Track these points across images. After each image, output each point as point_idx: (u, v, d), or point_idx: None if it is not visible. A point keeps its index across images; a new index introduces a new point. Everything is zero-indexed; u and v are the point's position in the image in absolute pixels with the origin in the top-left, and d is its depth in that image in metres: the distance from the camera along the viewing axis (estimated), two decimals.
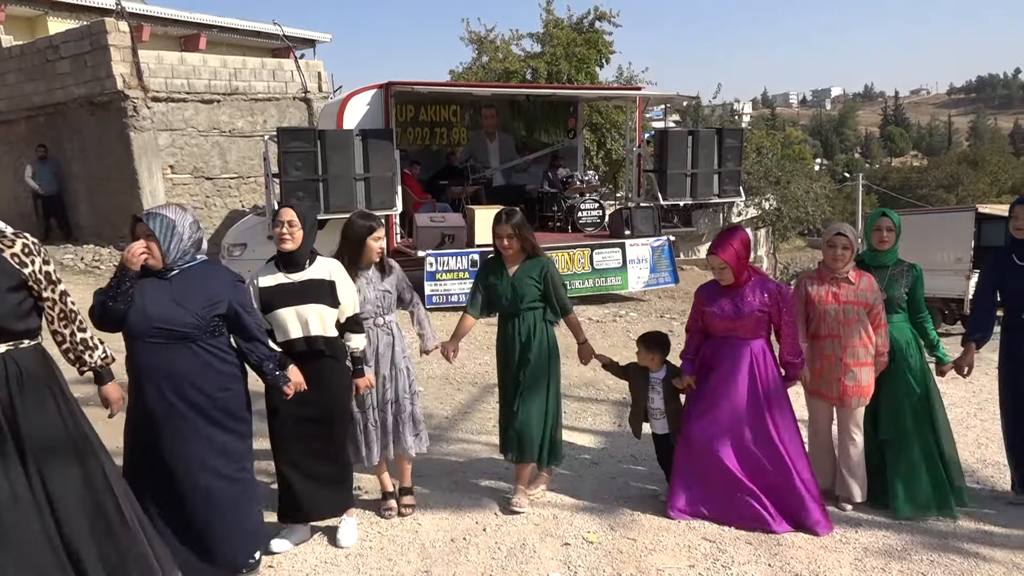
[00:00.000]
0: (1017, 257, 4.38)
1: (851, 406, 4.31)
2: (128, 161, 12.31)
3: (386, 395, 4.17)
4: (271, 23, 16.82)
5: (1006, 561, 3.79)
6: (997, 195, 40.64)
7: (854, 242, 4.26)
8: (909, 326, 4.43)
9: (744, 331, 4.06)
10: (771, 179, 24.43)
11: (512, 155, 13.64)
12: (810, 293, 4.33)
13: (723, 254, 4.00)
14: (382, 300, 4.14)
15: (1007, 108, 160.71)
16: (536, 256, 4.41)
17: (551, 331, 4.44)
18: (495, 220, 4.39)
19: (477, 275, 4.61)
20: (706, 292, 4.23)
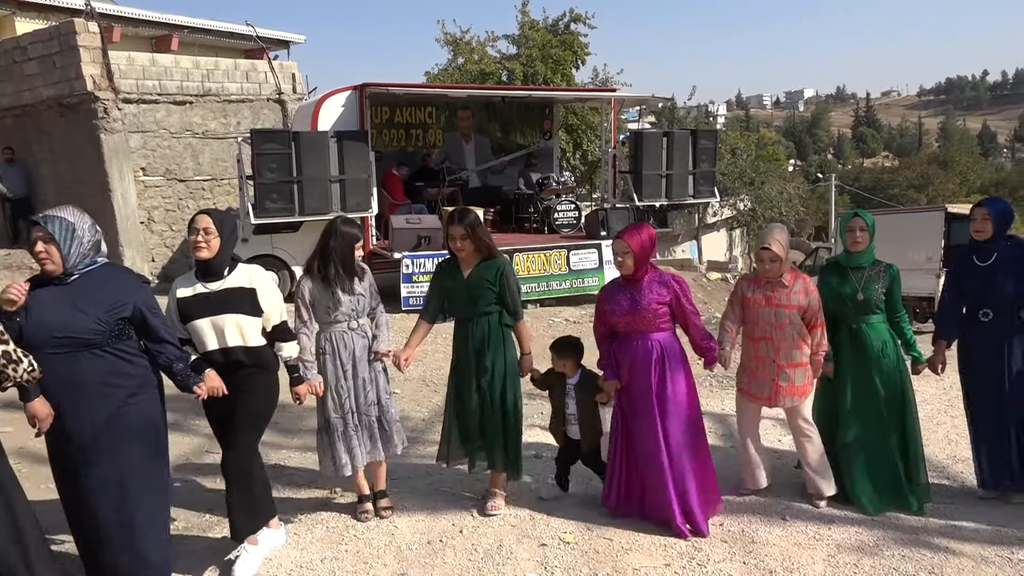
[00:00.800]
0: (977, 258, 4.45)
1: (784, 406, 4.35)
2: (99, 163, 12.13)
3: (368, 397, 4.12)
4: (244, 24, 16.67)
5: (975, 555, 3.85)
6: (966, 195, 41.27)
7: (784, 250, 4.22)
8: (886, 326, 4.45)
9: (643, 325, 4.05)
10: (745, 180, 24.65)
11: (488, 157, 13.64)
12: (746, 295, 4.37)
13: (629, 239, 4.01)
14: (356, 304, 4.08)
15: (975, 109, 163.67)
16: (492, 257, 4.28)
17: (509, 336, 4.33)
18: (448, 220, 4.27)
19: (432, 279, 4.49)
20: (607, 291, 4.26)
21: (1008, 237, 4.43)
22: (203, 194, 13.47)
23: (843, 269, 4.46)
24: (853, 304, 4.39)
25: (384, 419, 4.17)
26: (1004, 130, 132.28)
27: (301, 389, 3.92)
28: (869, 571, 3.71)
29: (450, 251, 4.32)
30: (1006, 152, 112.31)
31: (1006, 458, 4.43)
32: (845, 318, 4.45)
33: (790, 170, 40.04)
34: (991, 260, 4.39)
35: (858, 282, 4.38)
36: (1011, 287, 4.32)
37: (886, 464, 4.36)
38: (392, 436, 4.21)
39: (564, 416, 4.47)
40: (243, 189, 10.35)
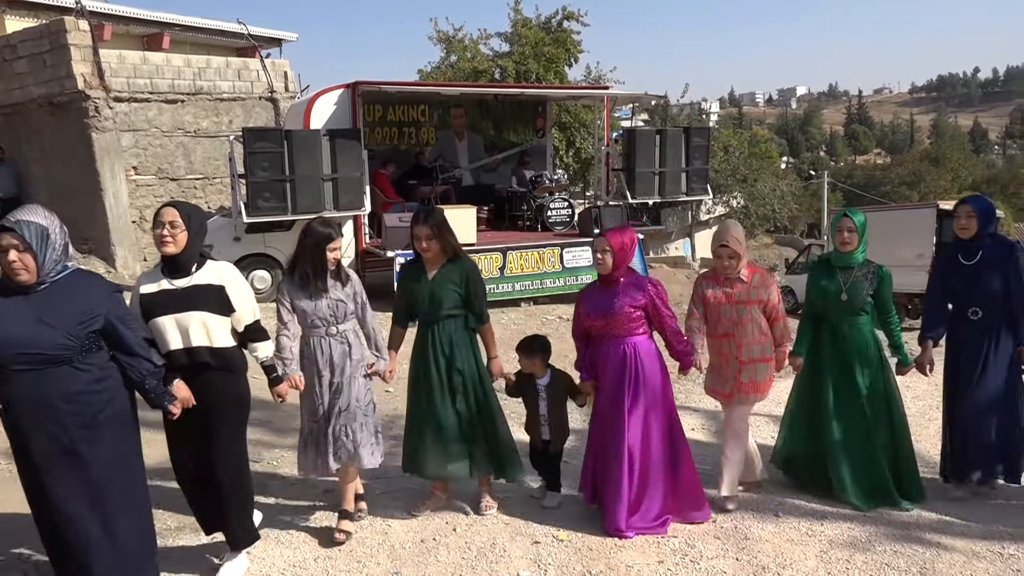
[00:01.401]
0: (962, 256, 4.44)
1: (748, 403, 4.35)
2: (90, 162, 12.08)
3: (336, 404, 3.95)
4: (235, 22, 16.62)
5: (966, 550, 3.87)
6: (958, 192, 41.44)
7: (742, 247, 4.21)
8: (870, 328, 4.42)
9: (618, 329, 4.01)
10: (738, 177, 24.73)
11: (481, 154, 13.63)
12: (706, 294, 4.33)
13: (611, 237, 3.99)
14: (335, 309, 3.93)
15: (967, 106, 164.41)
16: (458, 258, 4.15)
17: (475, 339, 4.21)
18: (413, 220, 4.14)
19: (397, 282, 4.35)
20: (585, 292, 4.24)
21: (991, 235, 4.42)
22: (195, 193, 13.43)
23: (832, 268, 4.44)
24: (837, 304, 4.37)
25: (350, 427, 3.96)
26: (995, 127, 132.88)
27: (281, 388, 3.79)
28: (861, 567, 3.73)
29: (415, 252, 4.18)
30: (997, 149, 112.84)
31: (985, 453, 4.44)
32: (829, 317, 4.44)
33: (783, 167, 40.19)
34: (976, 258, 4.38)
35: (844, 282, 4.35)
36: (998, 285, 4.32)
37: (871, 463, 4.35)
38: (357, 449, 3.97)
39: (537, 417, 4.40)
40: (235, 188, 10.31)
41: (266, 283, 10.35)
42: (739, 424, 4.36)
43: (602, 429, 4.13)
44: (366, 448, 4.00)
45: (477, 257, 10.54)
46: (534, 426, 4.43)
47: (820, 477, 4.49)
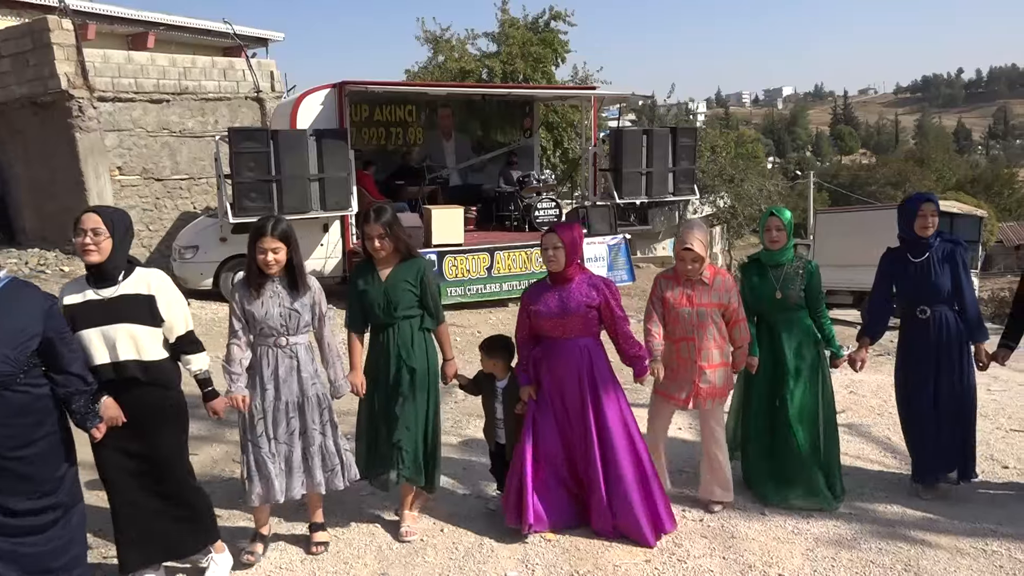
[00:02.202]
0: (912, 255, 4.46)
1: (703, 407, 4.23)
2: (74, 162, 11.98)
3: (290, 425, 3.70)
4: (221, 21, 16.54)
5: (950, 547, 3.90)
6: (942, 191, 41.74)
7: (705, 249, 4.11)
8: (807, 324, 4.42)
9: (572, 329, 3.88)
10: (725, 177, 24.78)
11: (468, 155, 13.64)
12: (666, 295, 4.21)
13: (561, 233, 3.86)
14: (288, 319, 3.64)
15: (951, 107, 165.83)
16: (412, 257, 3.99)
17: (431, 341, 4.07)
18: (363, 219, 3.93)
19: (349, 285, 4.10)
20: (532, 292, 4.04)
21: (939, 232, 4.47)
22: (181, 193, 13.36)
23: (763, 267, 4.43)
24: (771, 302, 4.37)
25: (308, 451, 3.72)
26: (979, 127, 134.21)
27: (216, 404, 3.51)
28: (847, 564, 3.75)
29: (365, 252, 4.00)
30: (981, 149, 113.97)
31: (944, 451, 4.45)
32: (764, 315, 4.44)
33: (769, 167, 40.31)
34: (924, 256, 4.41)
35: (776, 280, 4.36)
36: (946, 282, 4.37)
37: (793, 459, 4.31)
38: (314, 471, 3.73)
39: (494, 420, 4.28)
40: (221, 188, 10.26)
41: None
42: (718, 429, 4.29)
43: (554, 436, 3.95)
44: (328, 472, 3.78)
45: (465, 257, 10.56)
46: (491, 430, 4.31)
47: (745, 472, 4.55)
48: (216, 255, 10.54)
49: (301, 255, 3.75)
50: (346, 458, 3.87)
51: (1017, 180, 52.96)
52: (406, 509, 4.13)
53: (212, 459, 5.20)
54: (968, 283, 4.42)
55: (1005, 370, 7.95)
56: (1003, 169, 57.07)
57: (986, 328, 4.57)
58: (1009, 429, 5.91)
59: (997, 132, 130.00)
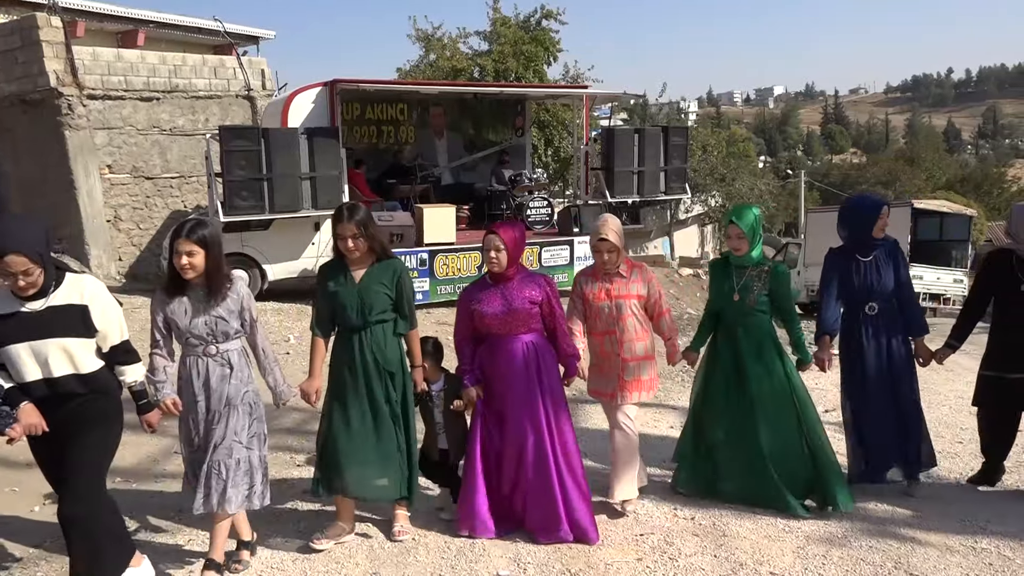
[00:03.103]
0: (860, 255, 4.50)
1: (629, 401, 4.19)
2: (63, 160, 11.92)
3: (211, 436, 3.47)
4: (212, 19, 16.46)
5: (940, 545, 3.92)
6: (932, 191, 41.98)
7: (620, 239, 4.10)
8: (768, 327, 4.36)
9: (516, 326, 3.85)
10: (716, 176, 24.87)
11: (460, 153, 13.62)
12: (585, 291, 4.21)
13: (503, 233, 3.80)
14: (214, 327, 3.44)
15: (941, 106, 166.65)
16: (387, 258, 3.83)
17: (402, 345, 3.92)
18: (335, 218, 3.74)
19: (316, 286, 3.92)
20: (471, 291, 3.99)
21: None
22: (171, 192, 13.30)
23: (729, 266, 4.39)
24: (729, 304, 4.33)
25: (223, 465, 3.43)
26: (968, 127, 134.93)
27: (151, 417, 3.38)
28: (837, 562, 3.76)
29: (336, 252, 3.82)
30: (970, 148, 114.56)
31: (891, 448, 4.48)
32: (725, 316, 4.41)
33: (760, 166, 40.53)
34: (872, 256, 4.47)
35: (738, 282, 4.31)
36: (890, 279, 4.45)
37: (757, 464, 4.23)
38: (226, 490, 3.43)
39: (434, 426, 4.17)
40: (212, 187, 10.21)
41: (244, 282, 10.26)
42: (627, 425, 4.22)
43: (501, 436, 3.90)
44: (238, 490, 3.47)
45: (456, 256, 10.55)
46: (431, 436, 4.21)
47: (700, 476, 4.47)
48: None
49: (223, 261, 3.49)
50: (262, 478, 3.59)
51: (1006, 179, 53.27)
52: (401, 511, 4.07)
53: None
54: (908, 281, 4.53)
55: None
56: (992, 168, 57.37)
57: (926, 323, 4.66)
58: None
59: (986, 132, 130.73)
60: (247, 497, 3.52)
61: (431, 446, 4.23)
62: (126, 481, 4.89)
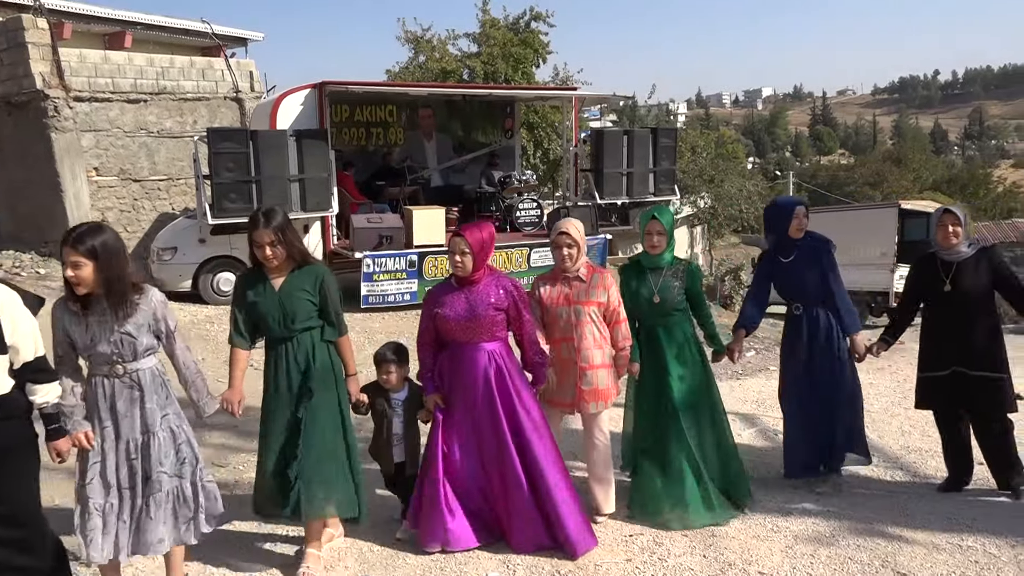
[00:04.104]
0: (782, 256, 4.62)
1: (588, 411, 4.10)
2: (50, 163, 11.85)
3: (132, 470, 3.13)
4: (199, 21, 16.39)
5: (927, 543, 3.95)
6: (919, 192, 42.28)
7: (582, 237, 4.04)
8: (687, 327, 4.35)
9: (480, 334, 3.71)
10: (705, 178, 24.94)
11: (450, 155, 13.61)
12: (543, 295, 4.09)
13: (469, 236, 3.66)
14: (120, 345, 3.09)
15: (928, 108, 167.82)
16: (308, 264, 3.64)
17: (335, 354, 3.73)
18: (250, 224, 3.53)
19: (234, 295, 3.72)
20: (436, 293, 3.83)
21: (808, 233, 4.64)
22: (159, 194, 13.25)
23: (643, 269, 4.34)
24: (649, 306, 4.27)
25: (152, 501, 3.13)
26: (955, 128, 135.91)
27: (60, 444, 3.02)
28: (825, 561, 3.78)
29: (254, 261, 3.61)
30: (957, 150, 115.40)
31: (816, 445, 4.58)
32: (643, 320, 4.35)
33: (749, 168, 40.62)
34: (793, 256, 4.58)
35: (655, 284, 4.26)
36: (815, 279, 4.54)
37: (681, 469, 4.17)
38: (156, 528, 3.12)
39: (389, 437, 4.02)
40: (200, 189, 10.18)
41: (232, 285, 10.23)
42: (600, 441, 4.17)
43: (463, 447, 3.78)
44: (181, 523, 3.22)
45: (446, 258, 10.54)
46: (385, 448, 4.05)
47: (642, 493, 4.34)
48: (195, 257, 10.46)
49: (124, 271, 3.10)
50: (207, 499, 3.31)
51: (992, 180, 53.70)
52: (311, 546, 3.70)
53: None
54: (836, 279, 4.59)
55: None
56: (979, 169, 57.84)
57: (858, 320, 4.77)
58: None
59: (973, 133, 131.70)
60: (180, 531, 3.23)
61: (385, 458, 4.06)
62: None
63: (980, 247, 4.46)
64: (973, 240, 4.55)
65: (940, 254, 4.46)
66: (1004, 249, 39.55)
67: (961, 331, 4.37)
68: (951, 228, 4.37)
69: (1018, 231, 42.76)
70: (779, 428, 5.94)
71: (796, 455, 4.65)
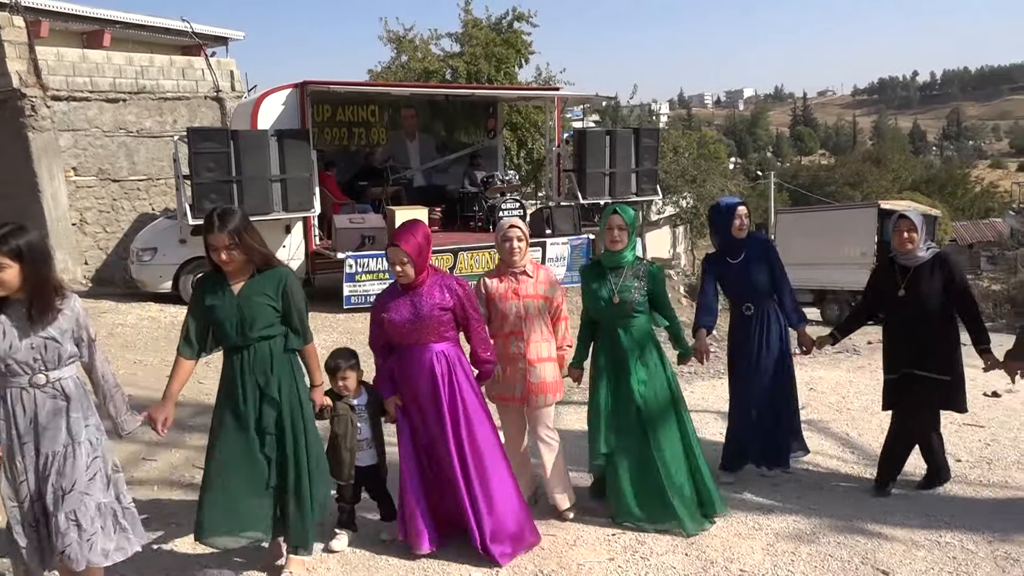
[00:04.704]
0: (730, 257, 4.69)
1: (536, 405, 4.09)
2: (27, 163, 11.72)
3: (52, 487, 2.91)
4: (179, 19, 16.25)
5: (906, 540, 3.99)
6: (899, 192, 42.73)
7: (526, 234, 4.08)
8: (648, 328, 4.25)
9: (426, 335, 3.66)
10: (687, 178, 25.07)
11: (432, 155, 13.60)
12: (490, 290, 4.08)
13: (406, 245, 3.58)
14: (43, 351, 2.89)
15: (907, 108, 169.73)
16: (270, 267, 3.44)
17: (297, 364, 3.56)
18: (205, 227, 3.33)
19: (191, 299, 3.50)
20: (383, 298, 3.78)
21: (750, 234, 4.73)
22: (139, 194, 13.13)
23: (603, 270, 4.24)
24: (610, 307, 4.17)
25: (75, 515, 2.90)
26: (933, 129, 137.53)
27: None
28: (806, 559, 3.81)
29: (212, 264, 3.41)
30: (935, 150, 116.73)
31: (756, 441, 4.69)
32: (603, 321, 4.25)
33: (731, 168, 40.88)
34: (741, 257, 4.65)
35: (615, 284, 4.16)
36: (763, 279, 4.64)
37: (649, 472, 4.08)
38: (83, 547, 2.89)
39: (351, 444, 3.86)
40: (180, 189, 10.11)
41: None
42: (549, 436, 4.15)
43: (420, 449, 3.77)
44: (95, 542, 2.95)
45: None
46: (350, 456, 3.87)
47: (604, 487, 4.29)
48: (175, 257, 10.38)
49: (50, 274, 2.94)
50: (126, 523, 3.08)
51: (970, 180, 54.36)
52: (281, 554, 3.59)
53: (171, 464, 5.11)
54: (782, 276, 4.70)
55: None
56: (957, 170, 58.56)
57: (804, 314, 4.88)
58: (962, 423, 6.05)
59: (951, 133, 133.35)
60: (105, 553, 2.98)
61: (344, 467, 3.87)
62: None
63: (937, 252, 4.49)
64: (932, 245, 4.57)
65: (898, 259, 4.50)
66: (982, 248, 40.19)
67: (915, 335, 4.40)
68: (907, 233, 4.40)
69: (995, 230, 43.37)
70: None
71: (736, 449, 4.76)
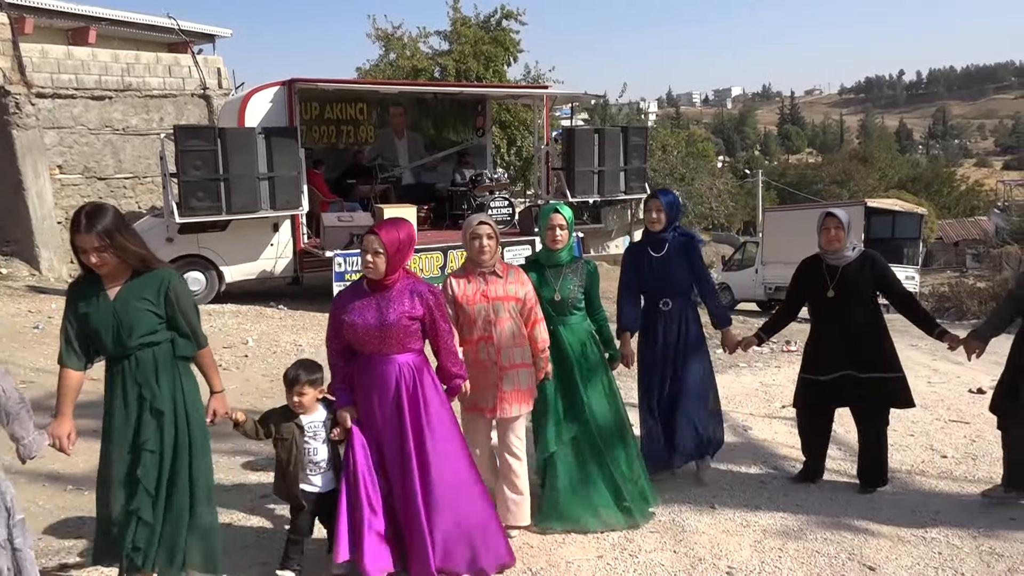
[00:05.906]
0: (652, 249, 4.56)
1: (510, 415, 3.85)
2: (11, 161, 11.62)
3: None
4: (166, 16, 16.15)
5: (892, 535, 4.02)
6: (885, 190, 42.99)
7: (496, 232, 3.87)
8: (586, 325, 4.23)
9: (390, 345, 3.35)
10: (676, 176, 25.16)
11: (421, 153, 13.59)
12: (457, 294, 3.81)
13: (384, 235, 3.31)
14: None
15: (893, 107, 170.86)
16: (150, 269, 3.11)
17: (187, 372, 3.23)
18: (72, 227, 3.00)
19: (65, 306, 3.13)
20: (345, 298, 3.45)
21: (675, 227, 4.59)
22: (125, 192, 13.05)
23: (542, 267, 4.19)
24: (551, 305, 4.12)
25: None
26: (919, 127, 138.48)
27: None
28: (793, 555, 3.83)
29: (84, 267, 3.08)
30: (921, 148, 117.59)
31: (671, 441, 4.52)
32: (545, 319, 4.09)
33: (719, 166, 41.09)
34: (664, 250, 4.54)
35: (555, 282, 4.13)
36: (684, 274, 4.54)
37: (592, 471, 4.07)
38: None
39: (303, 467, 3.52)
40: (167, 187, 10.05)
41: (200, 285, 10.13)
42: (518, 448, 3.93)
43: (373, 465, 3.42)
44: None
45: (418, 256, 10.51)
46: (292, 478, 3.51)
47: None
48: (162, 256, 10.23)
49: None
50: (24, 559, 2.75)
51: (955, 179, 54.78)
52: None
53: None
54: (704, 273, 4.64)
55: (944, 363, 8.23)
56: (942, 168, 59.00)
57: (728, 314, 4.83)
58: (947, 420, 6.11)
59: (937, 132, 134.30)
60: None
61: (293, 489, 3.54)
62: None
63: (863, 251, 4.47)
64: (856, 244, 4.52)
65: (825, 258, 4.47)
66: (967, 246, 40.48)
67: (848, 335, 4.37)
68: (833, 231, 4.38)
69: (981, 228, 43.71)
70: (748, 424, 6.02)
71: (651, 447, 4.55)
